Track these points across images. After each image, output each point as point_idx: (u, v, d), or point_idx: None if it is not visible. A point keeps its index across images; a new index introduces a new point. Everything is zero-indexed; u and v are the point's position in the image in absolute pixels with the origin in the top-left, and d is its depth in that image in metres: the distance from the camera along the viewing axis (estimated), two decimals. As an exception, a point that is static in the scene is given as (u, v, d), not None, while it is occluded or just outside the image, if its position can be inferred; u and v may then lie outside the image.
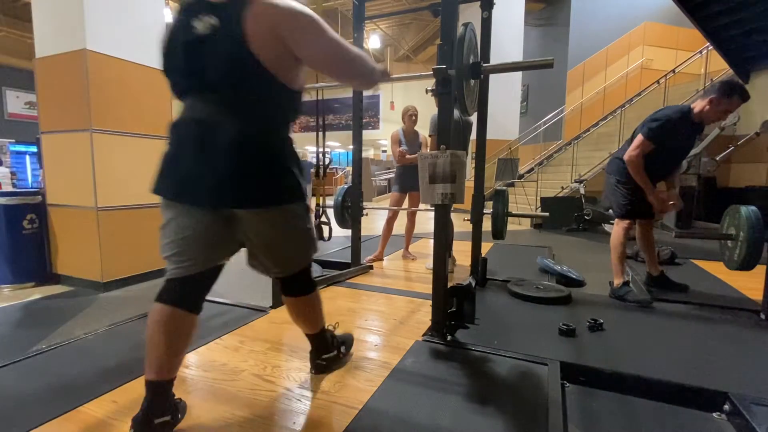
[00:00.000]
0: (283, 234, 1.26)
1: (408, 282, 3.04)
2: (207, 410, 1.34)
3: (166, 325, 1.17)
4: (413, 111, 3.51)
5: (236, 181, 1.11)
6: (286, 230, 1.26)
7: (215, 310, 2.33)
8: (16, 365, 1.66)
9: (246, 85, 1.10)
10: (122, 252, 3.07)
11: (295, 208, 1.25)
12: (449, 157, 1.77)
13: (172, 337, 1.18)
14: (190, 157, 1.11)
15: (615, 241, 2.64)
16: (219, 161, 1.09)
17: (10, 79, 11.65)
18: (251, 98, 1.12)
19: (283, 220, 1.23)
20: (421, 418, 1.29)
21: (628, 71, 9.15)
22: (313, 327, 1.50)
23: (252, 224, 1.21)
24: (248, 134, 1.11)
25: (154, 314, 1.18)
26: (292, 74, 1.15)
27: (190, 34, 1.09)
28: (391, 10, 10.64)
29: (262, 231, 1.22)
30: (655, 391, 1.52)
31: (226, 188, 1.11)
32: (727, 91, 2.34)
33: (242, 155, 1.10)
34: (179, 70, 1.14)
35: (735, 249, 2.42)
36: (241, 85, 1.10)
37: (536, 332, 2.04)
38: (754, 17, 5.08)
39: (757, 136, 5.91)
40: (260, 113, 1.14)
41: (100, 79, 2.89)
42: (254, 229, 1.22)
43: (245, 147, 1.11)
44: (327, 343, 1.58)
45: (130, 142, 3.11)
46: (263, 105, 1.14)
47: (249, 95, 1.11)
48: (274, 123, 1.19)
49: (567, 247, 4.81)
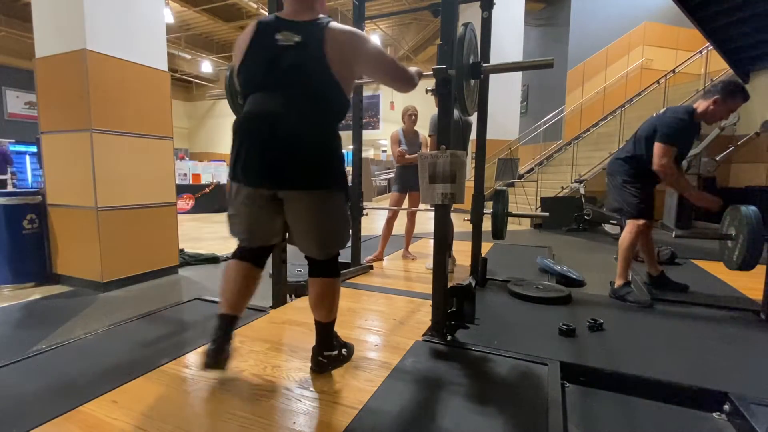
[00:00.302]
0: (325, 217, 1.43)
1: (408, 282, 3.04)
2: (207, 410, 1.34)
3: (241, 271, 1.50)
4: (413, 111, 3.51)
5: (293, 165, 1.32)
6: (327, 214, 1.43)
7: (215, 310, 2.31)
8: (16, 365, 1.66)
9: (314, 88, 1.36)
10: (122, 252, 3.07)
11: (337, 196, 1.44)
12: (449, 157, 1.77)
13: (244, 279, 1.50)
14: (257, 144, 1.33)
15: (626, 242, 2.59)
16: (280, 148, 1.31)
17: (10, 79, 11.64)
18: (315, 99, 1.36)
19: (325, 204, 1.41)
20: (421, 418, 1.29)
21: (628, 71, 9.15)
22: (327, 315, 1.56)
23: (300, 206, 1.40)
24: (306, 127, 1.33)
25: (230, 265, 1.51)
26: (350, 84, 1.44)
27: (272, 44, 1.35)
28: (391, 10, 10.64)
29: (308, 213, 1.41)
30: (655, 391, 1.52)
31: (284, 171, 1.33)
32: (731, 90, 2.35)
33: (300, 144, 1.32)
34: (255, 71, 1.38)
35: (734, 249, 2.42)
36: (310, 87, 1.35)
37: (536, 332, 2.04)
38: (754, 17, 5.08)
39: (757, 136, 5.91)
40: (320, 111, 1.37)
41: (100, 79, 2.89)
42: (301, 211, 1.41)
43: (303, 137, 1.33)
44: (332, 340, 1.61)
45: (130, 142, 3.11)
46: (323, 105, 1.38)
47: (314, 96, 1.35)
48: (329, 121, 1.42)
49: (567, 247, 4.81)
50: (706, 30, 5.60)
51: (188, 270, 3.65)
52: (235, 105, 2.06)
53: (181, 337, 1.96)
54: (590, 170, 6.98)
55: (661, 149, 2.40)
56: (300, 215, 1.42)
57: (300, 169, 1.33)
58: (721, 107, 2.38)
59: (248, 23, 7.22)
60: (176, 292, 3.03)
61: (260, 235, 1.50)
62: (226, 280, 1.50)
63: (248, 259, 1.51)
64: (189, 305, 2.44)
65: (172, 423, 1.26)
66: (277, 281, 2.31)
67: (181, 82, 16.64)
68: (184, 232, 4.79)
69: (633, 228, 2.57)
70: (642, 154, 2.55)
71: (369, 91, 15.63)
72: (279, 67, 1.34)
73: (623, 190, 2.62)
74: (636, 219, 2.57)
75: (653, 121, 2.54)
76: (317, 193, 1.39)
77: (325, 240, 1.48)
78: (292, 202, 1.40)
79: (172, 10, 9.82)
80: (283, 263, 2.30)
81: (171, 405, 1.36)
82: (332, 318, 1.57)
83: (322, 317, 1.54)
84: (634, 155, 2.60)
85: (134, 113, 3.13)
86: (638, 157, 2.58)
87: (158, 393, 1.43)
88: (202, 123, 18.55)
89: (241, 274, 1.50)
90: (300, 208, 1.41)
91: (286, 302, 2.37)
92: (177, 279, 3.38)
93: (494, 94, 3.19)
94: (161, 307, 2.40)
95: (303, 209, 1.40)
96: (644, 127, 2.59)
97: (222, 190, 9.24)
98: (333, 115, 1.43)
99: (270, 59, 1.35)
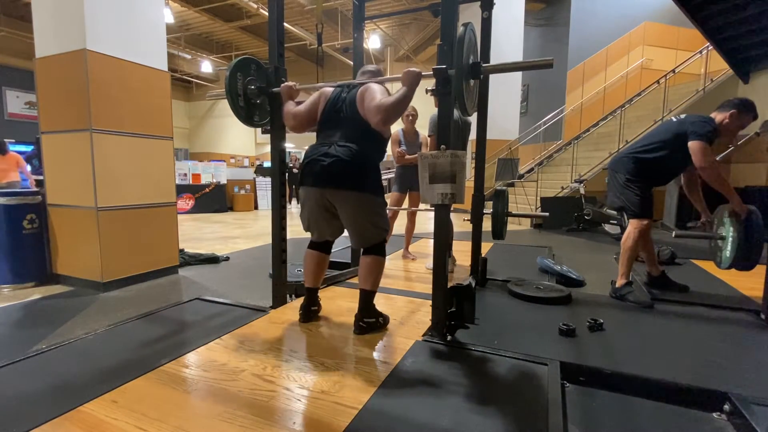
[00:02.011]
0: (364, 215, 1.91)
1: (408, 282, 3.04)
2: (207, 410, 1.34)
3: (313, 258, 2.09)
4: (411, 111, 3.50)
5: (343, 174, 1.84)
6: (366, 212, 1.91)
7: (215, 310, 2.33)
8: (16, 365, 1.66)
9: (357, 129, 1.89)
10: (122, 252, 3.07)
11: (374, 199, 1.92)
12: (449, 157, 1.77)
13: (316, 265, 2.09)
14: (321, 162, 1.85)
15: (629, 242, 2.58)
16: (335, 164, 1.83)
17: (10, 79, 11.63)
18: (358, 134, 1.88)
19: (365, 204, 1.90)
20: (421, 418, 1.29)
21: (628, 71, 9.15)
22: (371, 284, 1.96)
23: (346, 205, 1.88)
24: (352, 151, 1.84)
25: (307, 254, 2.10)
26: (384, 129, 1.92)
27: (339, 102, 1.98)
28: (391, 10, 10.63)
29: (352, 211, 1.90)
30: (655, 391, 1.52)
31: (336, 177, 1.84)
32: (747, 105, 2.39)
33: (348, 162, 1.83)
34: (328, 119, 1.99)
35: (725, 249, 2.46)
36: (355, 128, 1.89)
37: (536, 332, 2.04)
38: (754, 17, 5.08)
39: (757, 136, 5.92)
40: (361, 142, 1.87)
41: (100, 79, 2.89)
42: (346, 209, 1.89)
43: (349, 157, 1.83)
44: (372, 307, 1.98)
45: (130, 142, 3.11)
46: (363, 138, 1.88)
47: (357, 132, 1.88)
48: (369, 148, 1.91)
49: (567, 247, 4.81)
50: (706, 30, 5.60)
51: (188, 270, 3.65)
52: (235, 106, 2.10)
53: (181, 337, 1.96)
54: (590, 170, 6.98)
55: (701, 147, 2.35)
56: (346, 214, 1.91)
57: (348, 177, 1.84)
58: (736, 121, 2.39)
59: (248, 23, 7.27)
60: (176, 292, 3.03)
61: (319, 231, 2.04)
62: (306, 265, 2.09)
63: (316, 248, 2.09)
64: (189, 305, 2.44)
65: (172, 423, 1.26)
66: (277, 281, 2.31)
67: (181, 82, 16.64)
68: (184, 232, 4.80)
69: (637, 228, 2.56)
70: (658, 156, 2.53)
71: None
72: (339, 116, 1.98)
73: (626, 189, 2.60)
74: (640, 219, 2.56)
75: (675, 126, 2.51)
76: (357, 194, 1.87)
77: (363, 235, 1.96)
78: (340, 206, 1.90)
79: (172, 10, 9.82)
80: (283, 263, 2.30)
81: (171, 405, 1.36)
82: (374, 288, 1.97)
83: (366, 285, 1.95)
84: (646, 157, 2.57)
85: (134, 113, 3.13)
86: (651, 160, 2.55)
87: (158, 393, 1.43)
88: (202, 123, 18.54)
89: (313, 260, 2.08)
90: (345, 209, 1.90)
91: (286, 302, 2.37)
92: (177, 279, 3.38)
93: (494, 94, 3.19)
94: (161, 307, 2.40)
95: (347, 210, 1.90)
96: (662, 131, 2.56)
97: (222, 190, 9.24)
98: (371, 145, 1.93)
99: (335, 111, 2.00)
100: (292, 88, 2.09)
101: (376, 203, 1.93)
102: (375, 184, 1.93)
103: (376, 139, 1.93)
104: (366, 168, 1.89)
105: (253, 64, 2.22)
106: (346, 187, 1.84)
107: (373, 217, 1.95)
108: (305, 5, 10.13)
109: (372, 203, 1.92)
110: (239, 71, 2.14)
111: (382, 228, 1.98)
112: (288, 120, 2.07)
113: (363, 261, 1.97)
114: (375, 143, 1.95)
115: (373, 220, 1.94)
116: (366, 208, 1.91)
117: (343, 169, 1.81)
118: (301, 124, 2.05)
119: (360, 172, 1.85)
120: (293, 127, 2.07)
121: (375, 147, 1.96)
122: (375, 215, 1.95)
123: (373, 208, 1.93)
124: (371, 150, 1.94)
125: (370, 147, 1.92)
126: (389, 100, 1.79)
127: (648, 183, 2.59)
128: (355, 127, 1.88)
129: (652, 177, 2.58)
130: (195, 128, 18.76)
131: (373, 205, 1.93)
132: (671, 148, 2.49)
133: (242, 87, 2.16)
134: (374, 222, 1.95)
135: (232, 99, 2.11)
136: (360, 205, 1.89)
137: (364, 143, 1.88)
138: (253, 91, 2.20)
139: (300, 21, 11.35)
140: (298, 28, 11.07)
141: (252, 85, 2.20)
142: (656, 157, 2.54)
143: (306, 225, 2.05)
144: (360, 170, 1.85)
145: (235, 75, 2.12)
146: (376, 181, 1.94)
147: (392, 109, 1.79)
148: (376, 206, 1.94)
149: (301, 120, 2.04)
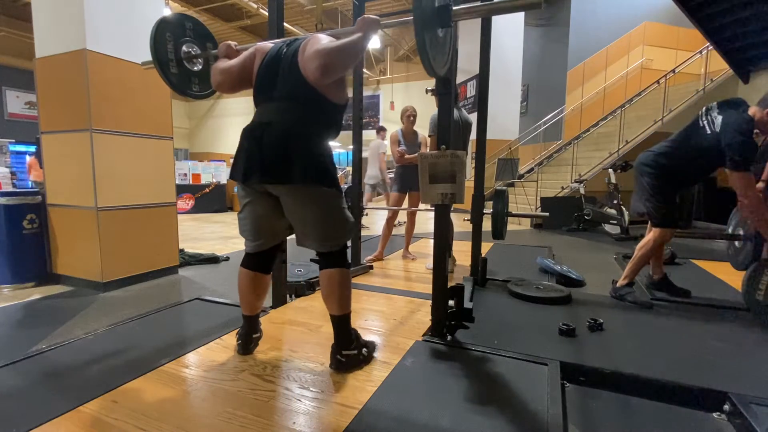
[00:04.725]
0: (317, 211, 1.53)
1: (408, 282, 3.04)
2: (207, 410, 1.34)
3: (248, 281, 1.68)
4: (411, 111, 3.50)
5: (280, 162, 1.44)
6: (318, 208, 1.53)
7: (215, 310, 2.33)
8: (16, 365, 1.66)
9: (298, 91, 1.48)
10: (122, 252, 3.07)
11: (326, 191, 1.51)
12: (449, 157, 1.77)
13: (252, 289, 1.69)
14: (254, 148, 1.47)
15: (646, 250, 2.51)
16: (270, 149, 1.45)
17: (10, 79, 11.64)
18: (299, 100, 1.49)
19: (315, 199, 1.51)
20: (421, 418, 1.29)
21: (628, 71, 9.14)
22: (338, 308, 1.58)
23: (292, 202, 1.52)
24: (292, 130, 1.46)
25: (239, 274, 1.69)
26: (330, 89, 1.50)
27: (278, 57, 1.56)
28: (391, 10, 10.64)
29: (299, 208, 1.53)
30: (655, 391, 1.52)
31: (273, 168, 1.45)
32: None
33: (286, 144, 1.45)
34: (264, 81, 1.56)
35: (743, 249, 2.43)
36: (296, 90, 1.49)
37: (536, 332, 2.04)
38: (754, 17, 5.08)
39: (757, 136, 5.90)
40: (303, 116, 1.49)
41: (100, 79, 2.89)
42: (293, 206, 1.53)
43: (289, 138, 1.46)
44: (350, 337, 1.62)
45: (130, 142, 3.11)
46: (307, 105, 1.49)
47: (299, 98, 1.49)
48: (314, 124, 1.51)
49: (567, 247, 4.81)
50: (706, 30, 5.60)
51: (188, 270, 3.65)
52: (165, 73, 1.93)
53: (181, 337, 1.96)
54: (590, 170, 6.97)
55: (744, 180, 2.16)
56: (294, 213, 1.55)
57: (287, 165, 1.45)
58: None
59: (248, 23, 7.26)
60: (176, 292, 3.03)
61: (263, 234, 1.64)
62: (239, 288, 1.70)
63: (253, 267, 1.67)
64: (189, 305, 2.44)
65: (172, 423, 1.26)
66: (277, 281, 2.31)
67: (181, 82, 16.62)
68: (184, 232, 4.80)
69: (660, 237, 2.49)
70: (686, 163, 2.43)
71: (369, 90, 15.64)
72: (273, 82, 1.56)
73: (652, 198, 2.50)
74: (665, 228, 2.48)
75: (710, 136, 2.28)
76: (302, 187, 1.48)
77: (321, 235, 1.56)
78: (286, 203, 1.54)
79: (172, 10, 9.82)
80: (283, 263, 2.30)
81: (171, 405, 1.36)
82: (344, 311, 1.59)
83: (333, 310, 1.58)
84: (674, 164, 2.45)
85: (134, 113, 3.13)
86: (679, 167, 2.45)
87: (158, 393, 1.43)
88: (202, 123, 18.54)
89: (248, 282, 1.68)
90: (292, 207, 1.54)
91: (286, 302, 2.37)
92: (177, 279, 3.38)
93: (494, 94, 3.20)
94: (161, 307, 2.40)
95: (294, 207, 1.53)
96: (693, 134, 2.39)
97: (222, 190, 9.24)
98: (318, 119, 1.54)
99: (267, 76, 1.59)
100: (231, 47, 1.71)
101: (330, 195, 1.54)
102: (323, 168, 1.50)
103: (324, 107, 1.51)
104: (311, 150, 1.48)
105: (188, 22, 1.97)
106: (289, 179, 1.45)
107: (331, 215, 1.56)
108: (305, 5, 10.13)
109: (326, 196, 1.53)
110: (168, 32, 1.90)
111: (344, 228, 1.60)
112: (215, 76, 1.65)
113: (321, 278, 1.58)
114: (323, 113, 1.53)
115: (330, 219, 1.55)
116: (320, 203, 1.52)
117: (282, 155, 1.44)
118: (231, 80, 1.62)
119: (305, 157, 1.46)
120: (220, 83, 1.64)
121: (323, 118, 1.54)
122: (334, 212, 1.56)
123: (328, 202, 1.54)
124: (317, 121, 1.52)
125: (316, 116, 1.51)
126: (333, 44, 1.42)
127: (671, 189, 2.51)
128: (297, 87, 1.48)
129: (678, 182, 2.51)
130: (195, 128, 18.76)
131: (327, 200, 1.54)
132: (706, 157, 2.34)
133: (173, 50, 1.91)
134: (330, 223, 1.56)
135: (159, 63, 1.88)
136: (307, 202, 1.51)
137: (309, 111, 1.49)
138: (189, 55, 1.96)
139: (300, 21, 11.35)
140: (298, 28, 11.08)
141: (188, 48, 1.96)
142: (684, 164, 2.44)
143: (246, 229, 1.65)
144: (303, 153, 1.46)
145: (164, 35, 1.87)
146: (324, 166, 1.51)
147: (335, 54, 1.38)
148: (331, 199, 1.54)
149: (231, 75, 1.62)
